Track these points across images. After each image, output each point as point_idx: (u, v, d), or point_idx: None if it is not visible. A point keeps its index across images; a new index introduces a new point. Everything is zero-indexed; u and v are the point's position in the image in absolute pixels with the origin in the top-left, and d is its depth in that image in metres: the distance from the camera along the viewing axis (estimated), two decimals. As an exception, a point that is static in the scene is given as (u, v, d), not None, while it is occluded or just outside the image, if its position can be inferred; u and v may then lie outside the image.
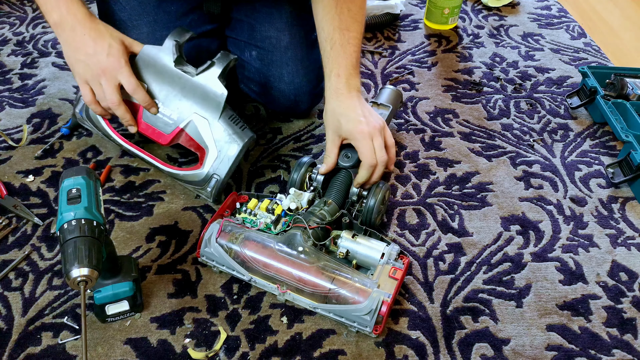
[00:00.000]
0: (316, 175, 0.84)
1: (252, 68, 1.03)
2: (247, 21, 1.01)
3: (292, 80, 1.00)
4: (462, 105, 1.15)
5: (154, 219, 0.87)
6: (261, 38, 1.00)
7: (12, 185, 0.92)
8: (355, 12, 0.84)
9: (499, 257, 0.83)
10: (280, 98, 1.03)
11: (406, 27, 1.42)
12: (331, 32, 0.84)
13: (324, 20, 0.85)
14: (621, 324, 0.75)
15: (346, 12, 0.83)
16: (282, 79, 1.01)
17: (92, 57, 0.80)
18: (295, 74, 1.00)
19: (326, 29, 0.84)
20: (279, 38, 0.99)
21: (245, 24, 1.01)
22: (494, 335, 0.73)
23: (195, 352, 0.69)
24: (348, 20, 0.84)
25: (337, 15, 0.83)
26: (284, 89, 1.01)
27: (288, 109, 1.06)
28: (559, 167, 1.00)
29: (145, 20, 0.95)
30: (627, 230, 0.88)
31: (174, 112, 0.86)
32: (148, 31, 0.95)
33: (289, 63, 1.00)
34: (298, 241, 0.73)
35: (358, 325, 0.69)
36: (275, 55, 1.00)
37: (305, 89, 1.01)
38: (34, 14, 1.41)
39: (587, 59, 1.30)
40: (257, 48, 1.01)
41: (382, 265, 0.74)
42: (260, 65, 1.01)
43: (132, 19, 0.95)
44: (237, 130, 0.85)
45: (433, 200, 0.92)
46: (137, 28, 0.95)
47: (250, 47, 1.01)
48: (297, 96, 1.02)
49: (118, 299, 0.70)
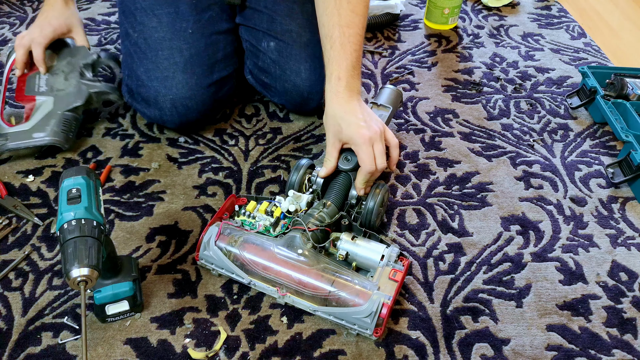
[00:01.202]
0: (315, 177, 0.84)
1: (267, 59, 1.03)
2: (266, 12, 1.01)
3: (309, 76, 1.01)
4: (462, 105, 1.15)
5: (154, 219, 0.87)
6: (281, 31, 1.00)
7: (12, 185, 0.92)
8: (355, 4, 0.82)
9: (499, 257, 0.83)
10: (294, 92, 1.03)
11: (406, 27, 1.42)
12: (331, 29, 0.82)
13: (323, 15, 0.83)
14: (621, 324, 0.75)
15: (345, 5, 0.81)
16: (299, 74, 1.01)
17: (36, 22, 1.00)
18: (312, 71, 1.00)
19: (326, 26, 0.83)
20: (300, 33, 1.00)
21: (264, 15, 1.02)
22: (494, 335, 0.73)
23: (195, 352, 0.69)
24: (348, 15, 0.81)
25: (337, 9, 0.81)
26: (300, 84, 1.01)
27: (297, 105, 1.06)
28: (559, 167, 1.00)
29: (167, 11, 0.98)
30: (627, 230, 0.88)
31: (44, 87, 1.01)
32: (168, 21, 0.97)
33: (307, 60, 1.00)
34: (297, 243, 0.73)
35: (358, 327, 0.69)
36: (294, 49, 1.00)
37: (319, 87, 1.01)
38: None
39: (587, 59, 1.30)
40: (275, 39, 1.01)
41: (382, 267, 0.74)
42: (277, 57, 1.01)
43: (154, 7, 0.98)
44: None
45: (433, 200, 0.93)
46: (157, 17, 0.98)
47: (269, 38, 1.02)
48: (310, 94, 1.02)
49: (118, 299, 0.70)
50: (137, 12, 0.99)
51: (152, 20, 0.97)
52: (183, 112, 0.98)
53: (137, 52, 0.99)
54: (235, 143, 1.03)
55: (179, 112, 0.98)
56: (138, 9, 0.98)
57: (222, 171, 0.97)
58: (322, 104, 0.84)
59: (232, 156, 1.00)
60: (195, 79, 0.98)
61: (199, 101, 0.98)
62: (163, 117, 0.99)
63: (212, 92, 1.01)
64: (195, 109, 0.99)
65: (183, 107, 0.98)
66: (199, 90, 0.98)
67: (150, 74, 0.97)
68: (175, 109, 0.97)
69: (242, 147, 1.02)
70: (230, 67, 1.05)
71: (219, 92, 1.03)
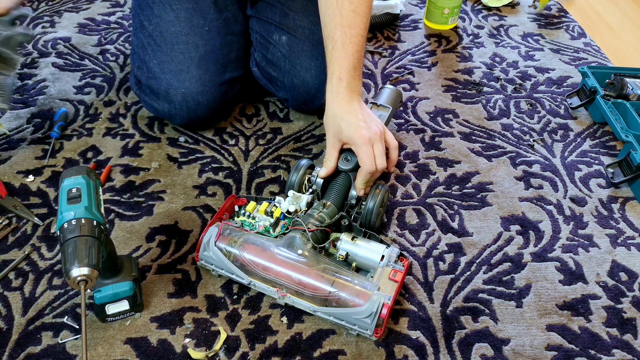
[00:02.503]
0: (315, 177, 0.84)
1: (277, 52, 1.03)
2: (279, 7, 1.02)
3: (319, 74, 1.01)
4: (462, 105, 1.15)
5: (154, 219, 0.87)
6: (294, 26, 1.01)
7: (12, 185, 0.92)
8: (357, 4, 0.82)
9: (499, 257, 0.83)
10: (302, 88, 1.03)
11: (406, 27, 1.42)
12: (332, 30, 0.82)
13: (326, 15, 0.84)
14: (621, 324, 0.75)
15: (347, 6, 0.81)
16: (309, 70, 1.01)
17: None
18: (322, 69, 1.00)
19: (328, 26, 0.83)
20: (313, 30, 1.00)
21: (277, 9, 1.02)
22: (494, 335, 0.73)
23: (195, 352, 0.69)
24: (350, 15, 0.82)
25: (338, 10, 0.82)
26: (309, 81, 1.02)
27: (303, 102, 1.06)
28: (559, 167, 1.00)
29: (185, 7, 0.99)
30: (627, 230, 0.88)
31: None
32: (185, 16, 0.99)
33: (318, 57, 1.00)
34: (297, 244, 0.73)
35: (359, 328, 0.69)
36: (306, 45, 1.00)
37: None
38: (34, 13, 1.41)
39: (587, 59, 1.30)
40: (288, 34, 1.01)
41: (382, 268, 0.74)
42: (288, 52, 1.02)
43: (172, 2, 0.99)
44: None
45: (433, 200, 0.93)
46: (175, 12, 0.99)
47: (281, 31, 1.02)
48: (318, 92, 1.02)
49: (118, 299, 0.70)
50: (154, 5, 0.99)
51: (170, 14, 0.98)
52: (193, 107, 0.99)
53: (152, 44, 0.99)
54: (235, 143, 1.03)
55: (189, 106, 0.98)
56: (155, 2, 0.99)
57: (222, 171, 0.97)
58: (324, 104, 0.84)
59: (232, 156, 1.00)
60: (209, 75, 0.98)
61: (209, 98, 0.99)
62: (172, 111, 0.99)
63: (223, 91, 1.02)
64: (206, 105, 0.99)
65: (194, 101, 0.98)
66: (211, 87, 0.99)
67: (164, 66, 0.97)
68: (185, 102, 0.98)
69: (242, 147, 1.02)
70: (241, 69, 1.06)
71: (229, 92, 1.04)
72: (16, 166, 0.96)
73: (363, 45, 0.84)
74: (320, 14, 0.86)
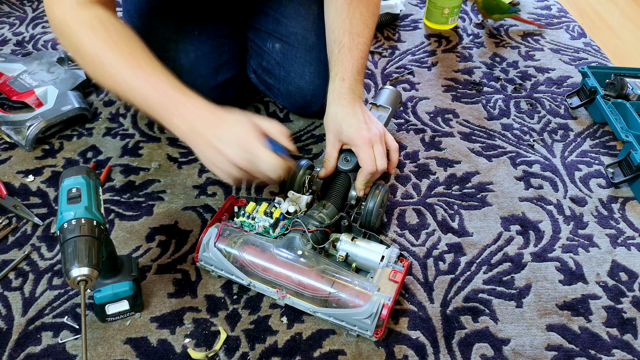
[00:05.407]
0: (315, 178, 0.84)
1: (272, 60, 1.03)
2: (272, 14, 1.02)
3: (313, 80, 1.01)
4: (462, 105, 1.15)
5: (154, 219, 0.87)
6: (287, 33, 1.01)
7: (12, 185, 0.92)
8: (367, 17, 0.85)
9: (499, 257, 0.83)
10: (297, 95, 1.03)
11: (406, 27, 1.42)
12: (341, 35, 0.84)
13: (335, 22, 0.85)
14: (621, 324, 0.75)
15: (358, 16, 0.84)
16: (303, 77, 1.01)
17: None
18: (316, 74, 1.00)
19: (336, 32, 0.85)
20: (305, 36, 1.00)
21: (270, 17, 1.02)
22: (494, 335, 0.73)
23: (195, 352, 0.69)
24: (359, 24, 0.84)
25: (349, 18, 0.84)
26: (304, 87, 1.02)
27: (300, 107, 1.06)
28: (559, 167, 1.00)
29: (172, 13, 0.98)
30: (627, 230, 0.88)
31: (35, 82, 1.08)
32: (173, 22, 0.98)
33: (312, 63, 1.00)
34: (297, 245, 0.73)
35: (359, 328, 0.69)
36: (299, 51, 1.00)
37: (323, 91, 1.01)
38: (34, 13, 1.41)
39: (587, 59, 1.30)
40: (281, 41, 1.01)
41: (382, 268, 0.74)
42: (282, 59, 1.02)
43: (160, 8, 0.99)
44: None
45: (433, 200, 0.92)
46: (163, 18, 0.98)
47: (274, 39, 1.02)
48: (314, 97, 1.02)
49: (118, 299, 0.70)
50: (141, 11, 0.99)
51: (159, 22, 0.98)
52: None
53: None
54: (235, 143, 1.03)
55: None
56: (143, 8, 0.98)
57: (222, 171, 0.97)
58: (324, 108, 0.84)
59: (232, 156, 1.00)
60: (201, 80, 0.98)
61: None
62: None
63: (217, 93, 1.01)
64: None
65: None
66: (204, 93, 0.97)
67: None
68: None
69: (242, 147, 1.02)
70: (234, 69, 1.05)
71: (224, 94, 1.03)
72: (16, 166, 0.96)
73: (367, 54, 0.86)
74: (327, 20, 0.87)
